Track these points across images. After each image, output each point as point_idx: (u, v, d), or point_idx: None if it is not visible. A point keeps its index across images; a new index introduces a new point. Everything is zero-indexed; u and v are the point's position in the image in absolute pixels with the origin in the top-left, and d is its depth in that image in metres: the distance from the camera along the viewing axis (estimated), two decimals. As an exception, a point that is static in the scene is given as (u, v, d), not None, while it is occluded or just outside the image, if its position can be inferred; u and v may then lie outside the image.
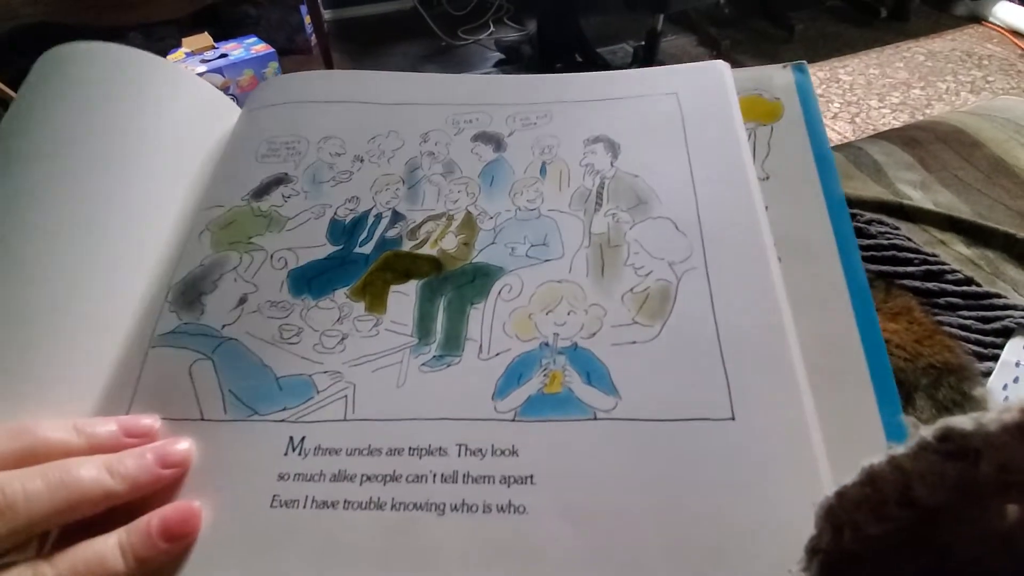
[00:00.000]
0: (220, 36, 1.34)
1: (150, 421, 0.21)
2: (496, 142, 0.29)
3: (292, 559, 0.18)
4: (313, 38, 1.53)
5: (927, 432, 0.11)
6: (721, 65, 0.30)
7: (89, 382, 0.22)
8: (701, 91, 0.29)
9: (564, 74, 0.31)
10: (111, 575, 0.17)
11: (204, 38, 1.31)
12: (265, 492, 0.19)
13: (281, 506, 0.19)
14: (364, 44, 1.77)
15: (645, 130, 0.28)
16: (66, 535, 0.18)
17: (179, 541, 0.19)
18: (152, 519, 0.18)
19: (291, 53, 1.52)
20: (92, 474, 0.18)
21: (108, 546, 0.18)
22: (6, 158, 0.26)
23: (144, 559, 0.18)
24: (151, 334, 0.23)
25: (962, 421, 0.11)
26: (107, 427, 0.20)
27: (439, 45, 1.74)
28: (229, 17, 1.51)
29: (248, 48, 1.32)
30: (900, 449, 0.11)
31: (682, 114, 0.28)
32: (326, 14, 1.69)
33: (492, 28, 1.80)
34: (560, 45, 1.55)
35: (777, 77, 0.30)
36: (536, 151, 0.28)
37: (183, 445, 0.21)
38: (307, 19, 1.52)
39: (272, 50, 1.33)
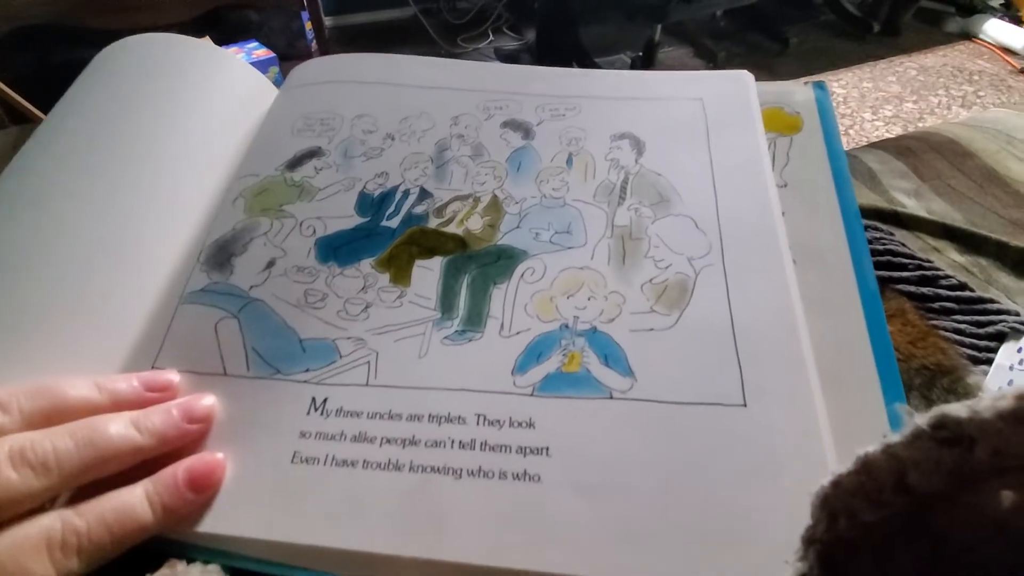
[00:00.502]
0: (222, 40, 1.35)
1: (171, 376, 0.22)
2: (524, 130, 0.29)
3: (311, 513, 0.19)
4: (314, 44, 1.53)
5: (922, 420, 0.11)
6: (746, 76, 0.31)
7: (121, 334, 0.23)
8: (725, 98, 0.30)
9: (593, 70, 0.32)
10: (139, 524, 0.18)
11: (200, 40, 1.31)
12: (287, 448, 0.20)
13: (302, 462, 0.20)
14: (365, 51, 1.77)
15: (670, 131, 0.29)
16: (85, 489, 0.19)
17: (205, 491, 0.19)
18: (178, 469, 0.19)
19: (292, 58, 1.53)
20: (120, 430, 0.18)
21: (135, 495, 0.18)
22: (61, 130, 0.28)
23: (172, 508, 0.18)
24: (182, 292, 0.24)
25: (957, 409, 0.11)
26: (128, 383, 0.21)
27: (439, 53, 1.75)
28: (231, 22, 1.52)
29: (249, 52, 1.33)
30: (895, 437, 0.12)
31: (706, 119, 0.29)
32: (327, 20, 1.69)
33: (491, 37, 1.81)
34: (558, 54, 1.57)
35: (798, 93, 0.31)
36: (563, 142, 0.29)
37: (207, 400, 0.21)
38: (308, 25, 1.52)
39: (273, 55, 1.34)
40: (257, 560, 0.18)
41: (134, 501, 0.18)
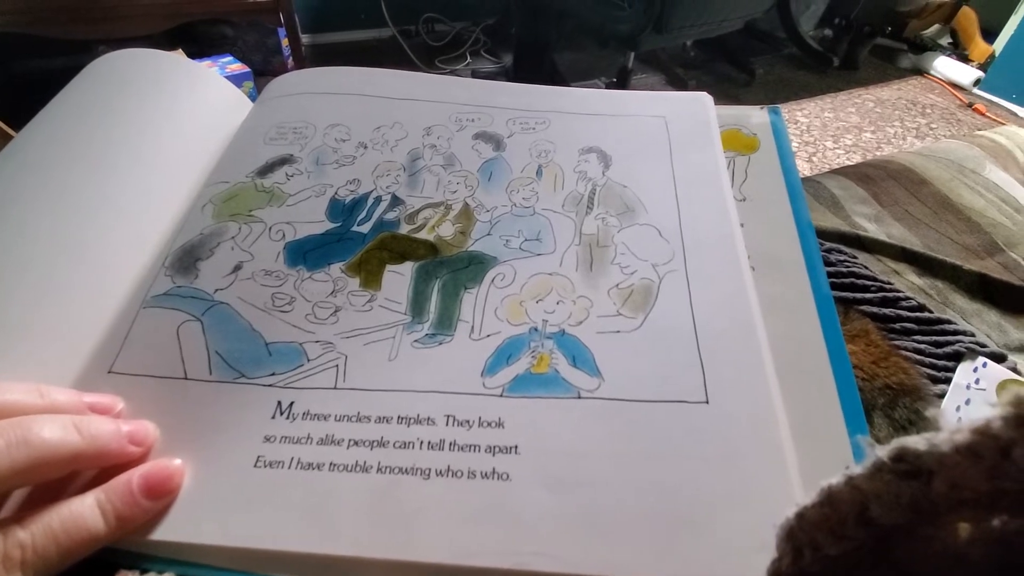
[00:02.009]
0: (195, 54, 1.33)
1: (117, 401, 0.21)
2: (496, 142, 0.30)
3: (274, 517, 0.18)
4: (290, 61, 1.53)
5: (883, 452, 0.11)
6: (705, 97, 0.33)
7: (79, 339, 0.22)
8: (687, 117, 0.31)
9: (563, 87, 0.33)
10: (90, 535, 0.17)
11: (178, 55, 1.30)
12: (249, 452, 0.20)
13: (265, 466, 0.19)
14: (341, 71, 1.79)
15: (635, 146, 0.30)
16: (33, 498, 0.18)
17: (162, 499, 0.18)
18: (133, 476, 0.18)
19: (268, 74, 1.52)
20: (57, 433, 0.17)
21: (86, 505, 0.17)
22: (33, 140, 0.28)
23: (125, 518, 0.17)
24: (145, 296, 0.23)
25: (916, 441, 0.11)
26: (70, 396, 0.20)
27: (416, 74, 1.78)
28: (205, 36, 1.50)
29: (223, 67, 1.32)
30: (857, 469, 0.12)
31: (669, 136, 0.30)
32: (304, 38, 1.69)
33: (469, 59, 1.84)
34: (535, 78, 1.60)
35: (755, 116, 0.33)
36: (533, 154, 0.30)
37: (152, 430, 0.20)
38: (284, 42, 1.52)
39: (248, 69, 1.33)
40: (216, 569, 0.18)
41: (84, 510, 0.17)
